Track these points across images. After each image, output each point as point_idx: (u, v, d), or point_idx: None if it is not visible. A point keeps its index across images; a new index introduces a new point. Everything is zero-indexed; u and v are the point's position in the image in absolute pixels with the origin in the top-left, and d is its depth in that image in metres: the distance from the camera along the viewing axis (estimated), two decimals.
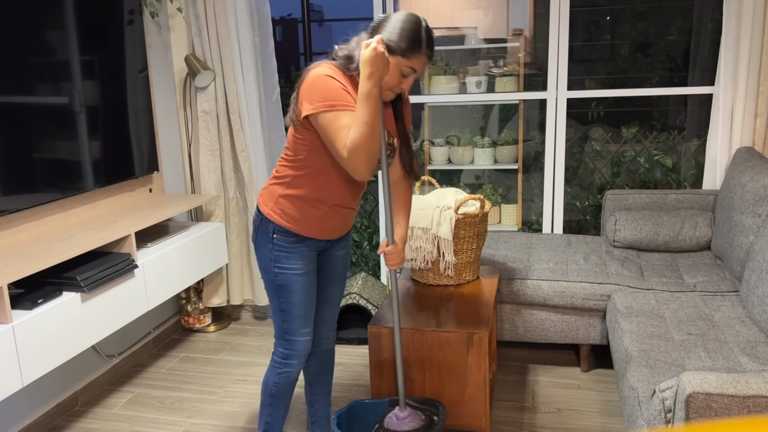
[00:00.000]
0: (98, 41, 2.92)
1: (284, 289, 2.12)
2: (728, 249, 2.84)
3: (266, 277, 2.15)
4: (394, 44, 1.93)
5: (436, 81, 3.89)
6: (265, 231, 2.10)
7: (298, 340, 2.18)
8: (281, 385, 2.23)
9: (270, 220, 2.08)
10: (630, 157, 4.02)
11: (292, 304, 2.13)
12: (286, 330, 2.17)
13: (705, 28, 4.06)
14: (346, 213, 2.15)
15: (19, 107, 2.49)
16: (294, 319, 2.15)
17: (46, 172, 2.63)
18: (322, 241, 2.16)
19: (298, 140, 2.01)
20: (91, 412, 2.88)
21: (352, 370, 3.15)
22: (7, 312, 2.12)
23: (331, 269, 2.30)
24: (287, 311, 2.14)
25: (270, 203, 2.09)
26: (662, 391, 1.80)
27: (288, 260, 2.10)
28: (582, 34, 4.42)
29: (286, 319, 2.16)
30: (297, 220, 2.07)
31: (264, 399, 2.26)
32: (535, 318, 2.97)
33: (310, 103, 1.90)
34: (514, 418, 2.68)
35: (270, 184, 2.12)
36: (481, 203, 2.70)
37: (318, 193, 2.05)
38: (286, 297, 2.13)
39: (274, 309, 2.18)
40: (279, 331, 2.19)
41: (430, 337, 2.36)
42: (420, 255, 2.67)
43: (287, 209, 2.07)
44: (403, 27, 1.93)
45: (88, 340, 2.47)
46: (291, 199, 2.06)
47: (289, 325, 2.16)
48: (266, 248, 2.11)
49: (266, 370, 2.27)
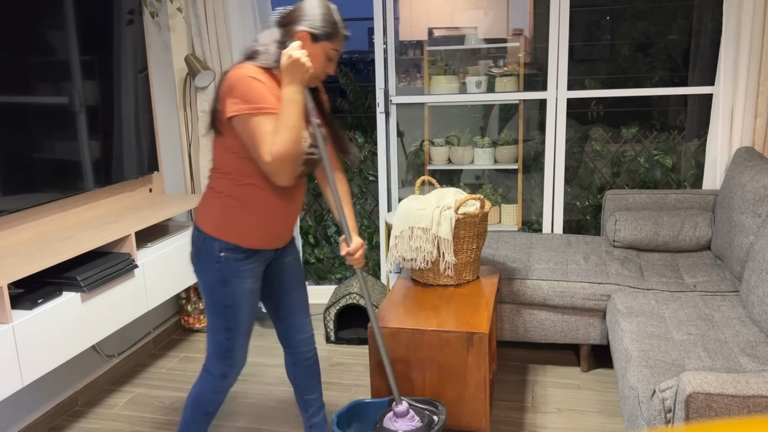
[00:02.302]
0: (98, 41, 2.92)
1: (231, 309, 2.03)
2: (728, 249, 2.84)
3: (211, 299, 2.03)
4: (320, 31, 1.92)
5: (436, 81, 3.90)
6: (209, 251, 1.98)
7: (239, 356, 2.12)
8: (217, 401, 2.17)
9: (215, 238, 1.97)
10: (630, 157, 4.02)
11: (239, 322, 2.06)
12: (228, 347, 2.09)
13: (705, 28, 4.06)
14: (292, 216, 2.08)
15: (19, 107, 2.49)
16: (239, 336, 2.08)
17: (46, 172, 2.63)
18: (271, 251, 2.09)
19: (228, 147, 1.93)
20: (91, 412, 2.88)
21: (352, 370, 3.15)
22: (7, 312, 2.12)
23: (287, 275, 2.22)
24: (233, 329, 2.06)
25: (212, 220, 1.98)
26: (662, 391, 1.80)
27: (237, 279, 2.00)
28: (582, 34, 4.42)
29: (230, 337, 2.07)
30: (245, 234, 1.98)
31: (195, 416, 2.17)
32: (535, 318, 2.97)
33: (233, 105, 1.84)
34: (514, 418, 2.68)
35: (207, 200, 2.01)
36: (481, 203, 2.70)
37: (262, 200, 1.97)
38: (233, 316, 2.04)
39: (216, 329, 2.07)
40: (219, 349, 2.09)
41: (430, 337, 2.36)
42: (420, 255, 2.67)
43: (233, 223, 1.96)
44: (322, 12, 1.92)
45: (88, 340, 2.47)
46: (235, 212, 1.96)
47: (233, 342, 2.08)
48: (212, 269, 1.99)
49: (196, 387, 2.16)
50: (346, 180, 2.20)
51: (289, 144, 1.81)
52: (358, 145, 4.16)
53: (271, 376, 3.13)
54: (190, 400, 2.17)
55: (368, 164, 4.17)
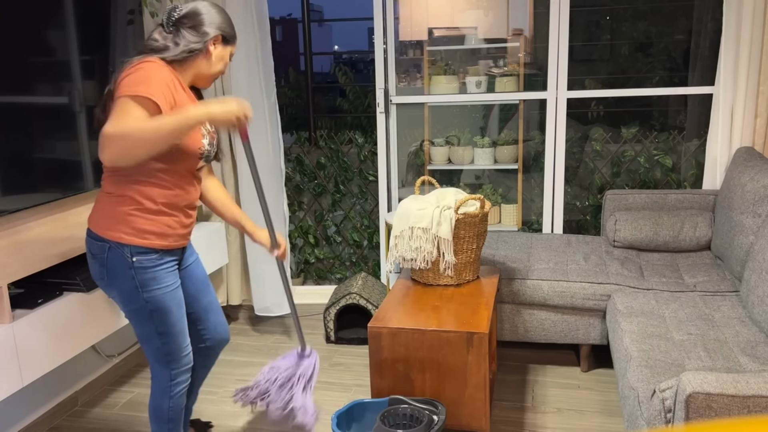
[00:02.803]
0: (98, 41, 2.92)
1: (158, 313, 1.98)
2: (728, 249, 2.84)
3: (132, 306, 1.97)
4: (229, 34, 1.99)
5: (436, 81, 3.90)
6: (119, 258, 1.91)
7: (183, 356, 2.08)
8: (177, 406, 2.13)
9: (123, 244, 1.90)
10: (630, 157, 4.02)
11: (170, 324, 2.01)
12: (167, 352, 2.04)
13: (705, 28, 4.06)
14: (194, 212, 2.08)
15: (19, 107, 2.49)
16: (176, 337, 2.04)
17: (46, 172, 2.63)
18: (179, 250, 2.06)
19: None
20: (91, 412, 2.88)
21: (352, 370, 3.15)
22: (7, 312, 2.12)
23: (194, 278, 2.21)
24: (166, 333, 2.01)
25: (115, 225, 1.90)
26: (662, 391, 1.80)
27: (156, 281, 1.95)
28: (582, 34, 4.42)
29: (166, 342, 2.02)
30: (155, 234, 1.94)
31: (160, 426, 2.13)
32: (535, 318, 2.97)
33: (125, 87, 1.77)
34: (514, 418, 2.68)
35: (105, 205, 1.93)
36: (481, 203, 2.70)
37: (168, 197, 1.94)
38: (162, 319, 1.99)
39: (148, 336, 2.01)
40: (159, 356, 2.04)
41: (430, 337, 2.36)
42: (420, 255, 2.67)
43: (142, 225, 1.91)
44: (226, 17, 1.98)
45: (88, 340, 2.47)
46: (142, 213, 1.91)
47: (171, 346, 2.04)
48: (126, 276, 1.92)
49: (151, 400, 2.12)
50: (220, 182, 2.29)
51: (146, 139, 1.66)
52: (358, 145, 4.16)
53: None
54: (151, 413, 2.14)
55: (368, 164, 4.17)
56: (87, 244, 1.98)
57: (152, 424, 2.15)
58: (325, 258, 4.28)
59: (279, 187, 3.61)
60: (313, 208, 4.27)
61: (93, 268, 1.98)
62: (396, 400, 2.30)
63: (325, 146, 4.19)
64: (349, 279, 3.62)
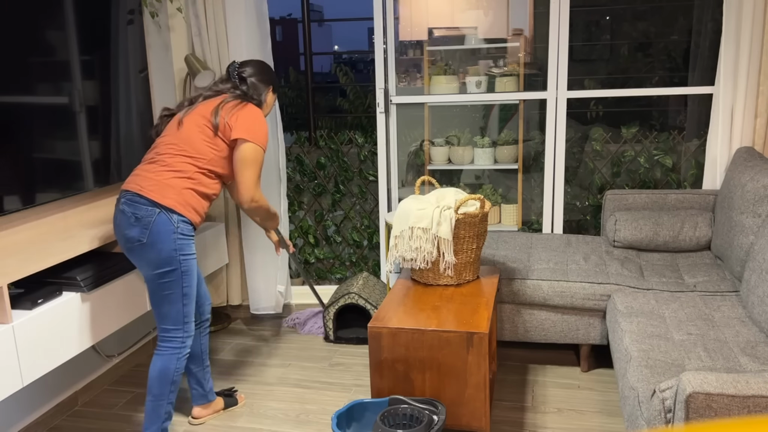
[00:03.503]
0: (98, 41, 2.92)
1: (187, 275, 2.35)
2: (728, 249, 2.84)
3: (167, 268, 2.30)
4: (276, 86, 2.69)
5: (436, 81, 3.90)
6: (166, 222, 2.27)
7: (193, 320, 2.44)
8: (181, 368, 2.43)
9: (174, 211, 2.29)
10: (630, 157, 4.02)
11: (191, 287, 2.38)
12: (185, 313, 2.39)
13: (705, 28, 4.06)
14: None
15: (19, 107, 2.49)
16: (192, 301, 2.40)
17: (46, 172, 2.63)
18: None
19: (212, 148, 2.38)
20: (91, 412, 2.88)
21: (352, 370, 3.15)
22: (7, 312, 2.12)
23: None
24: (188, 295, 2.37)
25: (172, 195, 2.30)
26: (662, 391, 1.80)
27: (189, 247, 2.34)
28: (582, 34, 4.42)
29: (187, 303, 2.38)
30: (195, 212, 2.36)
31: (163, 389, 2.39)
32: (535, 318, 2.97)
33: (248, 131, 2.38)
34: (514, 418, 2.68)
35: (170, 178, 2.32)
36: (481, 203, 2.70)
37: (210, 190, 2.42)
38: (188, 282, 2.36)
39: (173, 299, 2.34)
40: (178, 317, 2.37)
41: (430, 337, 2.36)
42: (420, 255, 2.67)
43: (191, 201, 2.34)
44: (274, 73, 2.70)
45: (88, 340, 2.47)
46: (193, 193, 2.35)
47: (188, 308, 2.39)
48: (170, 239, 2.28)
49: (159, 360, 2.39)
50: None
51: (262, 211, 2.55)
52: (358, 145, 4.16)
53: (271, 376, 3.13)
54: (156, 375, 2.38)
55: (368, 164, 4.17)
56: (131, 208, 2.28)
57: (154, 388, 2.39)
58: (325, 258, 4.28)
59: (279, 187, 3.61)
60: (313, 208, 4.27)
61: (133, 230, 2.28)
62: (396, 400, 2.30)
63: (325, 146, 4.19)
64: (350, 279, 3.62)
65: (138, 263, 2.34)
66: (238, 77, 2.54)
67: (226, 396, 2.84)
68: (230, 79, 2.55)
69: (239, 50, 3.39)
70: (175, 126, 2.43)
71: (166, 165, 2.34)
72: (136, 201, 2.28)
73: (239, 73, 2.54)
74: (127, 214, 2.28)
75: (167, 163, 2.35)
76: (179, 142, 2.38)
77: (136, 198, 2.29)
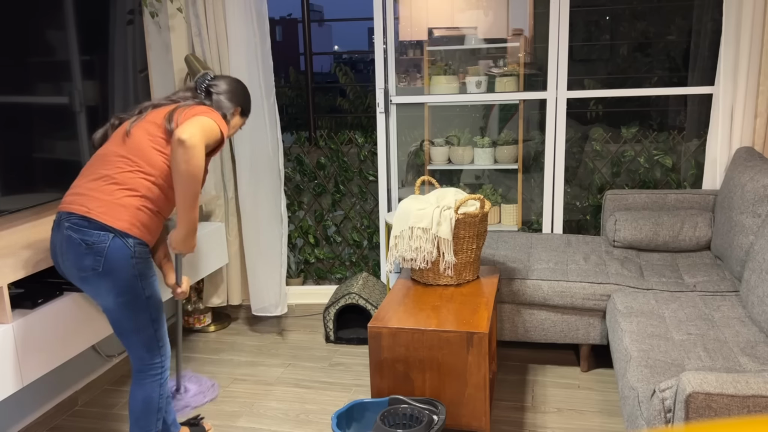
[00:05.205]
0: (98, 41, 2.92)
1: (152, 299, 2.17)
2: (728, 249, 2.84)
3: (130, 295, 2.10)
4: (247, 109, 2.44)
5: (436, 81, 3.90)
6: (122, 248, 2.05)
7: (167, 341, 2.27)
8: (165, 394, 2.28)
9: (128, 235, 2.06)
10: (630, 157, 4.02)
11: (159, 309, 2.21)
12: (158, 338, 2.22)
13: (705, 28, 4.06)
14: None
15: (19, 107, 2.49)
16: (162, 323, 2.23)
17: (46, 172, 2.63)
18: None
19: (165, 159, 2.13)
20: (91, 412, 2.88)
21: (352, 370, 3.15)
22: (7, 312, 2.12)
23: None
24: (158, 319, 2.21)
25: (125, 217, 2.06)
26: (662, 391, 1.80)
27: (148, 271, 2.15)
28: (582, 34, 4.43)
29: (158, 327, 2.21)
30: (149, 231, 2.14)
31: (150, 418, 2.25)
32: (535, 318, 2.97)
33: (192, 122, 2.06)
34: (514, 418, 2.68)
35: (121, 197, 2.07)
36: (481, 203, 2.70)
37: (161, 205, 2.17)
38: (155, 305, 2.18)
39: (142, 325, 2.17)
40: (152, 342, 2.21)
41: (430, 337, 2.36)
42: (420, 255, 2.68)
43: (144, 221, 2.11)
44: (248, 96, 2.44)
45: (88, 340, 2.47)
46: (146, 211, 2.12)
47: (160, 331, 2.23)
48: (128, 265, 2.07)
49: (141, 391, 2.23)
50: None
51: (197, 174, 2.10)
52: (358, 145, 4.16)
53: (271, 376, 3.13)
54: (140, 407, 2.24)
55: (368, 164, 4.18)
56: (79, 234, 2.03)
57: (141, 420, 2.24)
58: (325, 258, 4.28)
59: (278, 187, 3.61)
60: (313, 208, 4.27)
61: (85, 259, 2.04)
62: (396, 400, 2.30)
63: (325, 146, 4.19)
64: (350, 279, 3.62)
65: (94, 294, 2.11)
66: (206, 90, 2.31)
67: (191, 426, 2.65)
68: (195, 89, 2.32)
69: (239, 50, 3.39)
70: (120, 136, 2.15)
71: (116, 181, 2.08)
72: (82, 226, 2.03)
73: (208, 86, 2.32)
74: (75, 241, 2.03)
75: (117, 179, 2.08)
76: (129, 154, 2.11)
77: (82, 222, 2.03)
